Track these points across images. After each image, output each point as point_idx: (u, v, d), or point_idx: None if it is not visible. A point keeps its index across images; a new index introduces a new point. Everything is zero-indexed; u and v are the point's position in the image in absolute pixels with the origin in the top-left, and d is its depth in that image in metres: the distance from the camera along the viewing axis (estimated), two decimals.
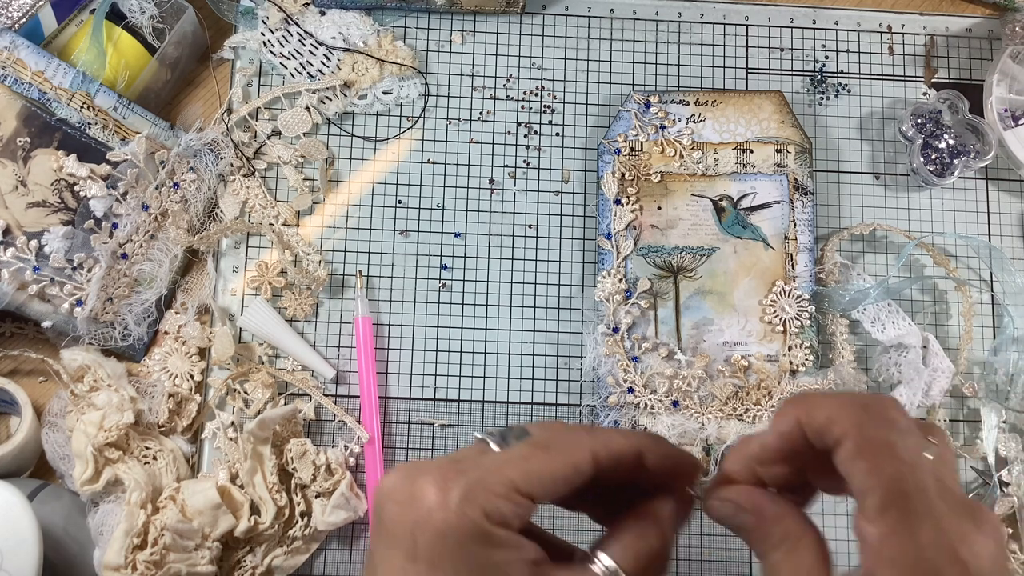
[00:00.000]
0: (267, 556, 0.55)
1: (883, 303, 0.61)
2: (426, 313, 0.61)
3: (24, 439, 0.54)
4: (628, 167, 0.62)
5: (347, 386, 0.60)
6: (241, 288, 0.60)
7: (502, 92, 0.64)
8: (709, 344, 0.60)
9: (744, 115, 0.63)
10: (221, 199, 0.61)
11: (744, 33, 0.66)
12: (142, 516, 0.52)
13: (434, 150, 0.63)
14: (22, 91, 0.56)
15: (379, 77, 0.62)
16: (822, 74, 0.66)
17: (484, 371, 0.60)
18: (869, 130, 0.66)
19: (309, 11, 0.63)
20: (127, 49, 0.60)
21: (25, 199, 0.56)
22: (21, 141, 0.56)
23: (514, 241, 0.62)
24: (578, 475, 0.38)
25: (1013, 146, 0.64)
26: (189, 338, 0.59)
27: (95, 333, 0.57)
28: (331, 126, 0.63)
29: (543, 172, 0.63)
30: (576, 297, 0.62)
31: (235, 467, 0.55)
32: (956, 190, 0.65)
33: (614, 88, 0.65)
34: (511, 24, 0.65)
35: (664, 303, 0.60)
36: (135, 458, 0.54)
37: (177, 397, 0.57)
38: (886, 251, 0.64)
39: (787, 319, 0.60)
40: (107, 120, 0.58)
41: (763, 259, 0.61)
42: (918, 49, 0.67)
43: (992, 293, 0.64)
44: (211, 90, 0.64)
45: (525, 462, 0.37)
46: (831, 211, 0.64)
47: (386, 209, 0.62)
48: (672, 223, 0.61)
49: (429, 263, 0.62)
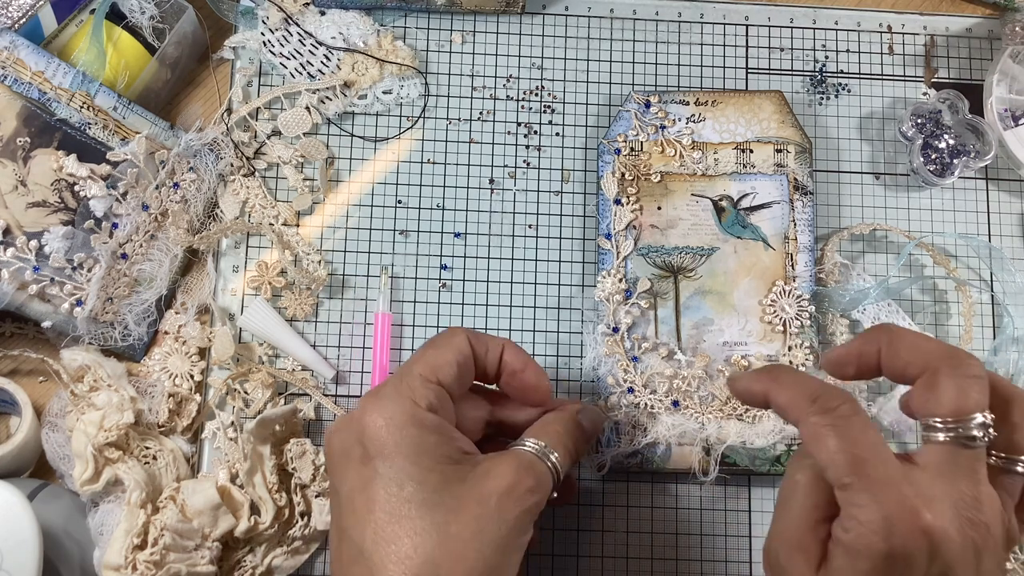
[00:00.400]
0: (267, 556, 0.55)
1: (883, 303, 0.61)
2: (426, 313, 0.61)
3: (24, 439, 0.54)
4: (628, 167, 0.62)
5: (347, 386, 0.60)
6: (241, 288, 0.60)
7: (502, 92, 0.64)
8: (709, 344, 0.60)
9: (744, 115, 0.63)
10: (221, 199, 0.61)
11: (744, 33, 0.66)
12: (142, 516, 0.52)
13: (434, 150, 0.63)
14: (22, 91, 0.56)
15: (379, 77, 0.62)
16: (822, 74, 0.66)
17: None
18: (869, 130, 0.66)
19: (309, 11, 0.63)
20: (127, 49, 0.60)
21: (25, 199, 0.56)
22: (21, 141, 0.56)
23: (514, 241, 0.62)
24: (463, 360, 0.48)
25: (1013, 146, 0.64)
26: (189, 338, 0.59)
27: (95, 333, 0.57)
28: (331, 126, 0.63)
29: (543, 172, 0.63)
30: (576, 297, 0.62)
31: (235, 467, 0.55)
32: (956, 190, 0.65)
33: (614, 88, 0.65)
34: (511, 24, 0.65)
35: (664, 303, 0.60)
36: (135, 458, 0.54)
37: (177, 397, 0.57)
38: (886, 251, 0.64)
39: (787, 319, 0.60)
40: (107, 120, 0.58)
41: (763, 259, 0.61)
42: (918, 49, 0.67)
43: (992, 293, 0.64)
44: (211, 90, 0.64)
45: (423, 358, 0.48)
46: (831, 211, 0.64)
47: (386, 209, 0.62)
48: (672, 223, 0.61)
49: (429, 263, 0.62)
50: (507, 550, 0.44)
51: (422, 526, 0.43)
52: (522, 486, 0.45)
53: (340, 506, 0.46)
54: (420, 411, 0.45)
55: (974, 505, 0.39)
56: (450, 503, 0.43)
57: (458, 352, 0.48)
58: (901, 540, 0.38)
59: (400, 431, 0.45)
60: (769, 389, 0.45)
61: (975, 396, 0.41)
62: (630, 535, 0.59)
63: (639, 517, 0.59)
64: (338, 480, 0.46)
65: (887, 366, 0.44)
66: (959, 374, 0.41)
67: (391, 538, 0.43)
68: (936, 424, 0.41)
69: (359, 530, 0.44)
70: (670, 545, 0.59)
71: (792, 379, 0.45)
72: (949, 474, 0.40)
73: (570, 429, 0.50)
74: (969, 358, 0.42)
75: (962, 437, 0.40)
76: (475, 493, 0.44)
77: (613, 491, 0.59)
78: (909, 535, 0.38)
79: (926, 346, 0.43)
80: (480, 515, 0.43)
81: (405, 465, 0.44)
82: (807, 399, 0.42)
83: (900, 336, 0.44)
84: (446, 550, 0.42)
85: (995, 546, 0.40)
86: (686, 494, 0.60)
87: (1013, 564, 0.58)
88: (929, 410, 0.41)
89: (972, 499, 0.40)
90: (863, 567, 0.39)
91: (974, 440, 0.40)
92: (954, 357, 0.42)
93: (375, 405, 0.46)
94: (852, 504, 0.40)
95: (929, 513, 0.39)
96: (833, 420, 0.41)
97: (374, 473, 0.44)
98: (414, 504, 0.43)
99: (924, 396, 0.42)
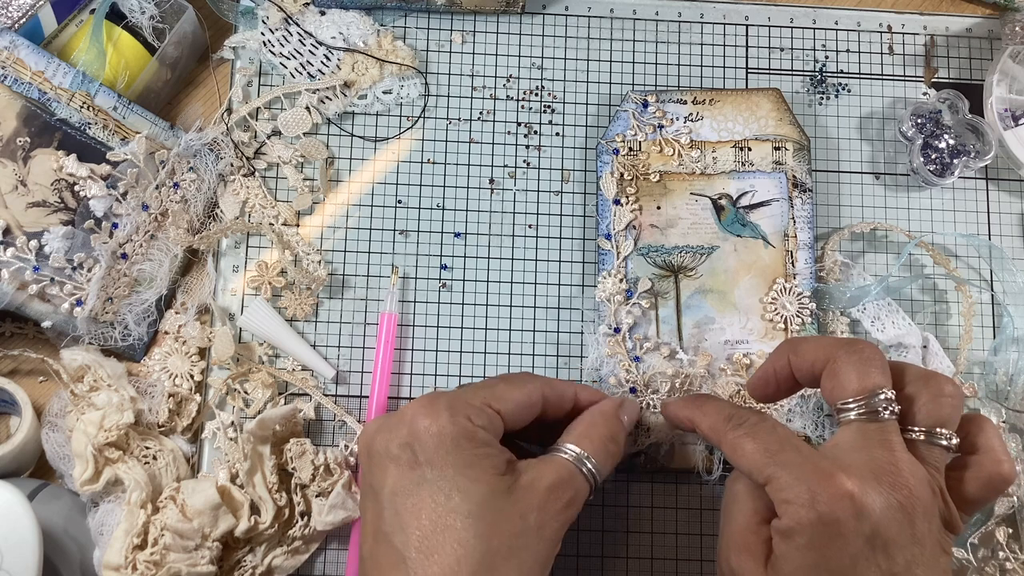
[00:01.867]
0: (267, 556, 0.55)
1: (883, 302, 0.61)
2: (426, 313, 0.61)
3: (24, 439, 0.54)
4: (627, 167, 0.62)
5: (347, 386, 0.60)
6: (241, 288, 0.60)
7: (502, 92, 0.64)
8: (711, 343, 0.60)
9: (742, 113, 0.63)
10: (221, 199, 0.61)
11: (744, 33, 0.66)
12: (142, 516, 0.52)
13: (434, 150, 0.63)
14: (22, 91, 0.56)
15: (379, 77, 0.62)
16: (822, 74, 0.66)
17: (484, 371, 0.60)
18: (869, 130, 0.66)
19: (309, 11, 0.63)
20: (127, 49, 0.60)
21: (25, 199, 0.56)
22: (21, 141, 0.56)
23: (514, 241, 0.62)
24: (531, 403, 0.49)
25: (1013, 146, 0.64)
26: (189, 338, 0.58)
27: (95, 333, 0.57)
28: (331, 126, 0.63)
29: (543, 172, 0.63)
30: (576, 297, 0.62)
31: (235, 467, 0.55)
32: (956, 190, 0.65)
33: (614, 88, 0.65)
34: (511, 24, 0.65)
35: (665, 302, 0.60)
36: (135, 458, 0.54)
37: (177, 397, 0.57)
38: (886, 251, 0.64)
39: (788, 316, 0.60)
40: (107, 120, 0.58)
41: (763, 257, 0.61)
42: (918, 49, 0.67)
43: (992, 293, 0.64)
44: (211, 90, 0.64)
45: (492, 388, 0.49)
46: (831, 211, 0.64)
47: (386, 209, 0.62)
48: (672, 222, 0.61)
49: (429, 263, 0.61)
50: (546, 564, 0.46)
51: (466, 538, 0.43)
52: (560, 502, 0.46)
53: (380, 507, 0.46)
54: (472, 427, 0.46)
55: (891, 470, 0.42)
56: (493, 517, 0.44)
57: (528, 395, 0.50)
58: (826, 505, 0.41)
59: (452, 441, 0.45)
60: (693, 416, 0.50)
61: (874, 375, 0.44)
62: (630, 535, 0.59)
63: (639, 517, 0.59)
64: (378, 480, 0.47)
65: (798, 371, 0.48)
66: (856, 358, 0.45)
67: (435, 548, 0.43)
68: (847, 405, 0.44)
69: (402, 537, 0.44)
70: (670, 545, 0.59)
71: (713, 407, 0.50)
72: (862, 446, 0.43)
73: (614, 432, 0.51)
74: (865, 344, 0.46)
75: (869, 412, 0.44)
76: (518, 508, 0.45)
77: (613, 491, 0.59)
78: (833, 499, 0.41)
79: (825, 341, 0.48)
80: (522, 531, 0.45)
81: (454, 475, 0.45)
82: (724, 420, 0.47)
83: (802, 341, 0.49)
84: (488, 566, 0.43)
85: (925, 510, 0.42)
86: (686, 494, 0.59)
87: (1013, 564, 0.58)
88: (836, 395, 0.45)
89: (888, 464, 0.42)
90: (800, 543, 0.41)
91: (879, 414, 0.43)
92: (851, 344, 0.46)
93: (429, 412, 0.46)
94: (778, 490, 0.43)
95: (847, 477, 0.41)
96: (746, 429, 0.46)
97: (421, 479, 0.45)
98: (460, 516, 0.44)
99: (830, 384, 0.45)
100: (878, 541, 0.41)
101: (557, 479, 0.47)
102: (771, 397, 0.51)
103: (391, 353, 0.59)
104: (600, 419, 0.51)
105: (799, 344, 0.48)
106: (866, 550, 0.41)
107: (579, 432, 0.50)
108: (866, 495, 0.41)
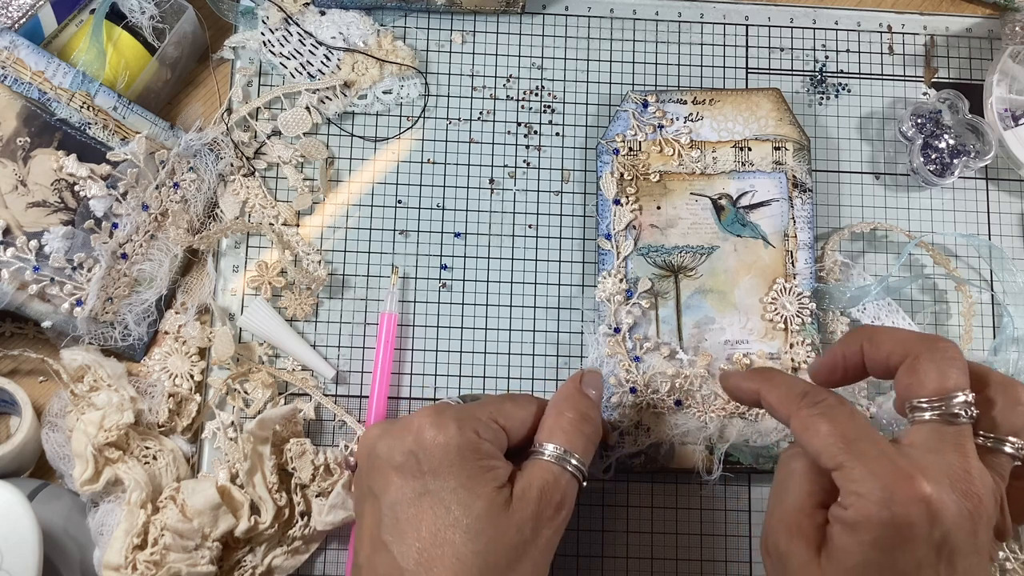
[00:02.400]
0: (267, 556, 0.55)
1: (883, 302, 0.61)
2: (426, 313, 0.61)
3: (24, 439, 0.54)
4: (627, 167, 0.62)
5: (347, 386, 0.60)
6: (241, 288, 0.60)
7: (502, 92, 0.64)
8: (711, 343, 0.60)
9: (742, 113, 0.63)
10: (221, 199, 0.61)
11: (744, 33, 0.66)
12: (142, 516, 0.52)
13: (434, 150, 0.63)
14: (22, 91, 0.56)
15: (379, 77, 0.62)
16: (822, 74, 0.66)
17: (484, 371, 0.60)
18: (869, 130, 0.66)
19: (309, 11, 0.63)
20: (127, 49, 0.60)
21: (25, 199, 0.56)
22: (21, 141, 0.56)
23: (514, 241, 0.62)
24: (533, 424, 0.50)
25: (1013, 146, 0.64)
26: (189, 338, 0.58)
27: (95, 333, 0.57)
28: (331, 126, 0.63)
29: (543, 172, 0.63)
30: (576, 297, 0.62)
31: (235, 467, 0.55)
32: (956, 190, 0.65)
33: (614, 88, 0.65)
34: (511, 24, 0.65)
35: (665, 302, 0.60)
36: (135, 458, 0.54)
37: (177, 397, 0.57)
38: (886, 251, 0.64)
39: (788, 316, 0.60)
40: (107, 120, 0.58)
41: (763, 257, 0.61)
42: (918, 49, 0.67)
43: (992, 293, 0.64)
44: (211, 90, 0.64)
45: (499, 404, 0.50)
46: (831, 211, 0.64)
47: (386, 209, 0.62)
48: (672, 222, 0.61)
49: (429, 263, 0.61)
50: (544, 568, 0.47)
51: (464, 554, 0.44)
52: (551, 507, 0.47)
53: (379, 513, 0.46)
54: (478, 439, 0.47)
55: (965, 477, 0.41)
56: (492, 532, 0.45)
57: (531, 415, 0.50)
58: (902, 507, 0.39)
59: (457, 452, 0.46)
60: (761, 387, 0.48)
61: (955, 376, 0.43)
62: (630, 535, 0.59)
63: (639, 517, 0.59)
64: (378, 486, 0.47)
65: (871, 360, 0.46)
66: (938, 357, 0.43)
67: (434, 562, 0.44)
68: (921, 404, 0.43)
69: (401, 548, 0.44)
70: (670, 545, 0.59)
71: (783, 379, 0.48)
72: (938, 449, 0.42)
73: (583, 411, 0.50)
74: (947, 342, 0.44)
75: (946, 414, 0.42)
76: (514, 520, 0.45)
77: (613, 491, 0.59)
78: (909, 502, 0.39)
79: (905, 335, 0.45)
80: (519, 543, 0.45)
81: (455, 487, 0.45)
82: (797, 396, 0.45)
83: (879, 331, 0.47)
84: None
85: (989, 520, 0.41)
86: (686, 494, 0.59)
87: (1013, 564, 0.58)
88: (913, 392, 0.43)
89: (962, 471, 0.41)
90: (865, 539, 0.40)
91: (957, 417, 0.42)
92: (933, 342, 0.44)
93: (436, 422, 0.47)
94: (849, 480, 0.41)
95: (925, 481, 0.40)
96: (822, 410, 0.43)
97: (424, 489, 0.45)
98: (459, 530, 0.44)
99: (907, 380, 0.44)
100: (945, 549, 0.40)
101: (543, 484, 0.47)
102: (835, 383, 0.49)
103: (391, 353, 0.59)
104: (564, 404, 0.50)
105: (877, 334, 0.46)
106: (932, 556, 0.40)
107: (549, 425, 0.50)
108: (942, 503, 0.39)
